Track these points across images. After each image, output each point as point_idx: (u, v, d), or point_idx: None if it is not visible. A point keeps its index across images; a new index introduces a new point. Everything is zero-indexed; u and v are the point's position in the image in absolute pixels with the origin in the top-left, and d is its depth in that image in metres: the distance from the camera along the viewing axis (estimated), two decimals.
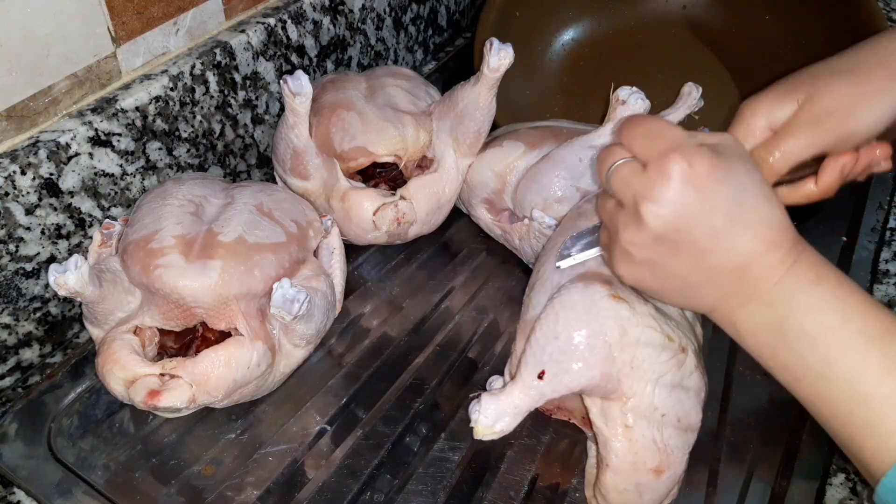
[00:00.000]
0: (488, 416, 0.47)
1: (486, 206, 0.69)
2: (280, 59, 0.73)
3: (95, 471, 0.53)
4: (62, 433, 0.56)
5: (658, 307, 0.48)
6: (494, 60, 0.60)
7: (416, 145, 0.67)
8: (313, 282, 0.58)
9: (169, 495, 0.52)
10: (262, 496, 0.52)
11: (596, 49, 0.89)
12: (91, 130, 0.57)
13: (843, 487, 0.51)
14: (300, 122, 0.61)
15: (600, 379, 0.45)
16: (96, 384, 0.58)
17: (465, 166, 0.69)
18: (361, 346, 0.63)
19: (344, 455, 0.55)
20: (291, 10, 0.72)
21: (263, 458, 0.54)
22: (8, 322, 0.57)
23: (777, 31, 0.81)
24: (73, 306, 0.61)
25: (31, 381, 0.59)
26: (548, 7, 0.87)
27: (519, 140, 0.67)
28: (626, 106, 0.59)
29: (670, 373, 0.46)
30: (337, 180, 0.65)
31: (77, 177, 0.58)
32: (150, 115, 0.62)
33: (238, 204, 0.58)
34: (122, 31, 0.59)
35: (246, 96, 0.71)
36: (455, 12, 1.02)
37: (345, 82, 0.71)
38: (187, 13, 0.65)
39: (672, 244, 0.40)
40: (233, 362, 0.52)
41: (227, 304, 0.53)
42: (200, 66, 0.65)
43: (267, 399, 0.58)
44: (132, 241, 0.54)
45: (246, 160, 0.74)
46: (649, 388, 0.46)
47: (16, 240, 0.55)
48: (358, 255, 0.72)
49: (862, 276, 0.67)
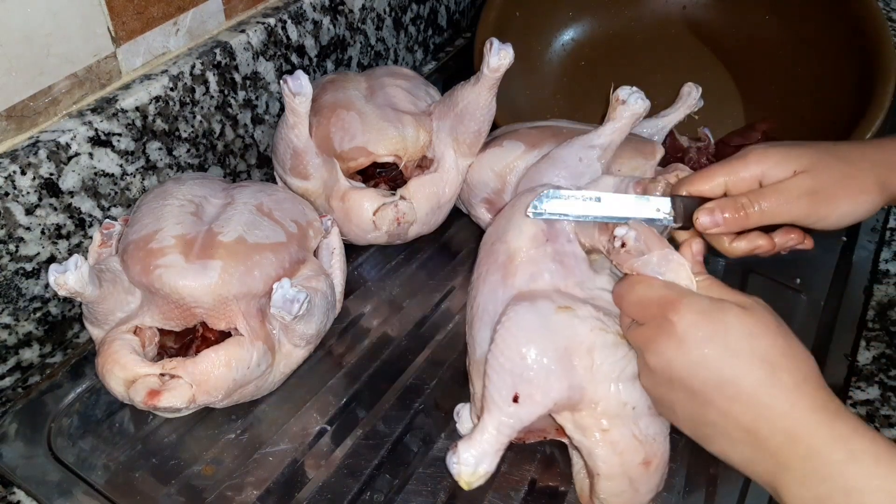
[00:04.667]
0: (469, 464, 0.45)
1: (486, 205, 0.69)
2: (280, 59, 0.73)
3: (95, 471, 0.53)
4: (62, 433, 0.56)
5: (599, 306, 0.48)
6: (494, 60, 0.60)
7: (416, 145, 0.67)
8: (313, 282, 0.58)
9: (169, 495, 0.52)
10: (262, 496, 0.52)
11: (596, 49, 0.89)
12: (91, 130, 0.57)
13: None
14: (300, 122, 0.61)
15: (568, 390, 0.45)
16: (96, 384, 0.58)
17: (465, 166, 0.68)
18: (361, 346, 0.63)
19: (344, 455, 0.55)
20: (291, 10, 0.72)
21: (263, 458, 0.54)
22: (8, 322, 0.57)
23: (777, 31, 0.81)
24: (73, 306, 0.61)
25: (31, 381, 0.59)
26: (548, 7, 0.87)
27: (519, 140, 0.67)
28: (626, 106, 0.59)
29: (629, 366, 0.46)
30: (337, 180, 0.65)
31: (77, 177, 0.58)
32: (150, 115, 0.62)
33: (238, 204, 0.58)
34: (122, 31, 0.59)
35: (246, 96, 0.71)
36: (455, 12, 1.02)
37: (345, 82, 0.71)
38: (187, 13, 0.65)
39: (686, 390, 0.41)
40: (233, 362, 0.52)
41: (227, 304, 0.53)
42: (200, 66, 0.65)
43: (267, 399, 0.58)
44: (132, 241, 0.54)
45: (246, 160, 0.74)
46: (613, 388, 0.46)
47: (16, 240, 0.55)
48: (358, 255, 0.72)
49: (862, 276, 0.67)
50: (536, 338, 0.46)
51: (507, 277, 0.50)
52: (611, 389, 0.46)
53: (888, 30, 0.70)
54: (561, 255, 0.51)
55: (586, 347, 0.46)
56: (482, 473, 0.45)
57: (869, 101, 0.68)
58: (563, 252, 0.51)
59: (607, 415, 0.46)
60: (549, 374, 0.45)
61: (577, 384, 0.45)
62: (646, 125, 0.73)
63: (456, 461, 0.45)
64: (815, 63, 0.77)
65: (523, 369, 0.45)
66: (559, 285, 0.49)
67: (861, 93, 0.70)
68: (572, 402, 0.46)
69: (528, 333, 0.46)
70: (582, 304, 0.48)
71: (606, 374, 0.46)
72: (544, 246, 0.51)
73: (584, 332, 0.46)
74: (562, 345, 0.45)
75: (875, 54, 0.69)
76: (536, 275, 0.50)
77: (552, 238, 0.52)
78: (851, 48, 0.73)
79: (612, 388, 0.46)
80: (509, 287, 0.50)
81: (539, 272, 0.50)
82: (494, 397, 0.46)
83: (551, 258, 0.50)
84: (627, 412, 0.46)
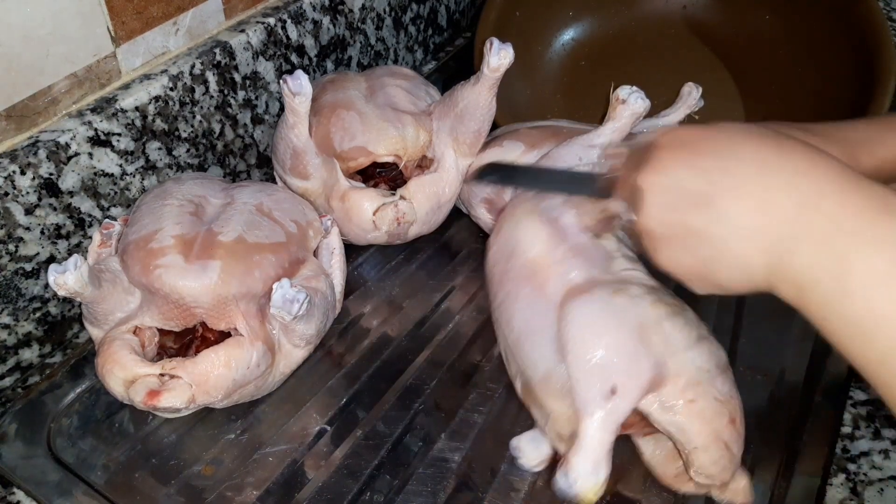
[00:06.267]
0: (587, 475, 0.43)
1: (486, 205, 0.69)
2: (280, 59, 0.73)
3: (95, 471, 0.53)
4: (62, 433, 0.56)
5: (643, 282, 0.48)
6: (494, 60, 0.60)
7: (416, 145, 0.67)
8: (313, 282, 0.58)
9: (169, 495, 0.52)
10: (262, 496, 0.52)
11: (596, 49, 0.89)
12: (91, 130, 0.57)
13: (844, 487, 0.51)
14: (300, 122, 0.61)
15: (654, 367, 0.45)
16: (96, 384, 0.58)
17: (465, 166, 0.68)
18: (361, 346, 0.63)
19: (344, 455, 0.55)
20: (291, 10, 0.72)
21: (263, 459, 0.54)
22: (8, 322, 0.57)
23: (777, 31, 0.81)
24: (73, 306, 0.61)
25: (31, 381, 0.59)
26: (548, 7, 0.87)
27: (519, 140, 0.67)
28: (626, 105, 0.59)
29: (694, 330, 0.46)
30: (337, 180, 0.65)
31: (77, 177, 0.58)
32: (150, 115, 0.62)
33: (238, 204, 0.58)
34: (121, 31, 0.59)
35: (246, 96, 0.71)
36: (455, 12, 1.02)
37: (345, 82, 0.71)
38: (187, 13, 0.65)
39: (681, 203, 0.40)
40: (232, 362, 0.52)
41: (226, 305, 0.53)
42: (200, 66, 0.65)
43: (267, 399, 0.58)
44: (132, 241, 0.54)
45: (246, 160, 0.74)
46: (690, 355, 0.45)
47: (15, 240, 0.55)
48: (358, 255, 0.71)
49: None
50: (611, 325, 0.45)
51: (542, 287, 0.49)
52: (687, 357, 0.45)
53: (888, 30, 0.70)
54: (579, 249, 0.50)
55: (654, 321, 0.45)
56: (602, 480, 0.43)
57: (869, 100, 0.68)
58: (580, 245, 0.51)
59: (691, 385, 0.45)
60: (636, 356, 0.44)
61: (660, 360, 0.45)
62: (646, 125, 0.73)
63: (573, 478, 0.43)
64: (815, 63, 0.77)
65: (610, 359, 0.44)
66: (591, 276, 0.49)
67: (861, 92, 0.70)
68: (658, 379, 0.45)
69: (601, 324, 0.45)
70: (627, 283, 0.47)
71: (680, 342, 0.45)
72: (561, 245, 0.51)
73: (646, 307, 0.46)
74: (635, 325, 0.45)
75: (875, 54, 0.69)
76: (567, 274, 0.49)
77: (563, 236, 0.51)
78: (851, 48, 0.72)
79: (688, 357, 0.45)
80: (547, 294, 0.49)
81: (567, 271, 0.49)
82: (590, 398, 0.44)
83: (572, 255, 0.50)
84: (706, 377, 0.45)
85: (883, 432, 0.54)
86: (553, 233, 0.52)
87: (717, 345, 0.48)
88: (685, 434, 0.46)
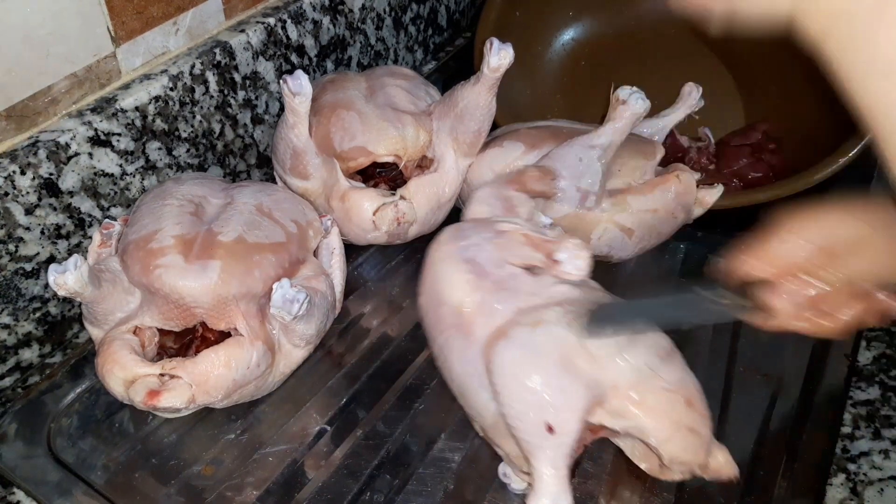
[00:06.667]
0: None
1: None
2: (280, 59, 0.73)
3: (95, 471, 0.53)
4: (62, 433, 0.56)
5: (560, 301, 0.48)
6: (494, 60, 0.60)
7: (416, 145, 0.67)
8: (313, 282, 0.58)
9: (169, 495, 0.52)
10: (262, 496, 0.52)
11: (596, 49, 0.89)
12: (91, 130, 0.57)
13: (844, 487, 0.51)
14: (300, 122, 0.61)
15: (587, 391, 0.45)
16: (96, 384, 0.58)
17: (465, 166, 0.68)
18: (361, 346, 0.63)
19: (344, 455, 0.55)
20: (291, 10, 0.72)
21: (263, 459, 0.54)
22: (8, 322, 0.57)
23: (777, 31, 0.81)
24: (73, 306, 0.61)
25: (31, 381, 0.59)
26: (548, 7, 0.87)
27: (519, 140, 0.67)
28: (626, 106, 0.59)
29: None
30: (337, 180, 0.65)
31: (77, 177, 0.58)
32: (150, 115, 0.62)
33: (238, 204, 0.58)
34: (121, 31, 0.59)
35: (246, 96, 0.71)
36: (455, 12, 1.02)
37: (345, 82, 0.71)
38: (187, 13, 0.65)
39: None
40: (232, 362, 0.52)
41: (226, 305, 0.53)
42: (200, 66, 0.65)
43: (267, 399, 0.58)
44: (132, 241, 0.54)
45: (246, 160, 0.74)
46: (620, 362, 0.46)
47: (15, 240, 0.55)
48: (358, 255, 0.71)
49: None
50: (532, 365, 0.45)
51: (468, 333, 0.49)
52: (619, 363, 0.46)
53: None
54: (500, 282, 0.50)
55: (576, 344, 0.46)
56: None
57: None
58: (500, 278, 0.50)
59: (632, 386, 0.45)
60: (565, 387, 0.45)
61: (591, 380, 0.45)
62: (646, 125, 0.73)
63: None
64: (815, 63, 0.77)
65: (540, 400, 0.44)
66: (517, 307, 0.48)
67: None
68: (596, 398, 0.45)
69: (523, 366, 0.45)
70: (546, 308, 0.47)
71: (606, 353, 0.46)
72: (481, 285, 0.50)
73: (565, 333, 0.46)
74: (557, 357, 0.45)
75: None
76: (491, 313, 0.49)
77: (483, 273, 0.50)
78: None
79: (620, 362, 0.46)
80: (475, 341, 0.48)
81: (491, 310, 0.49)
82: (532, 441, 0.45)
83: (494, 290, 0.49)
84: (645, 373, 0.46)
85: (883, 432, 0.54)
86: (472, 274, 0.51)
87: (654, 333, 0.48)
88: (644, 432, 0.46)
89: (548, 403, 0.44)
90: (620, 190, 0.64)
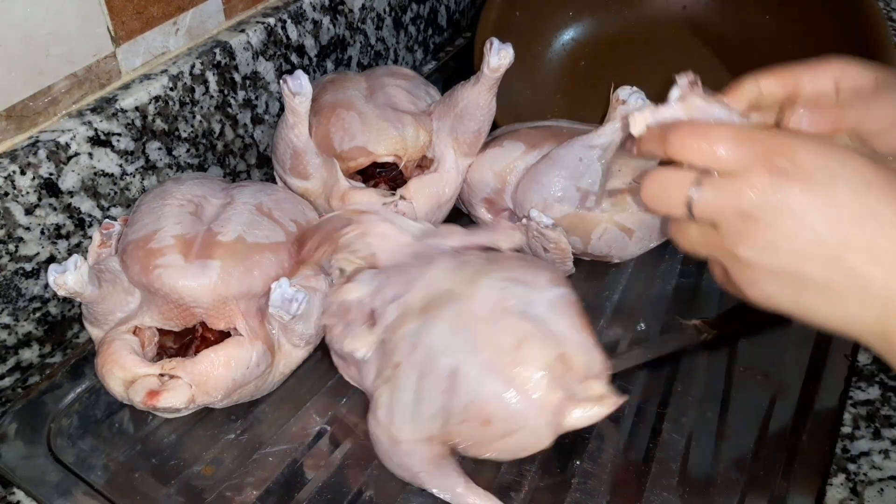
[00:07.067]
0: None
1: (487, 205, 0.69)
2: (280, 59, 0.73)
3: (95, 471, 0.53)
4: (62, 433, 0.56)
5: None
6: (494, 60, 0.60)
7: (416, 145, 0.67)
8: (312, 281, 0.58)
9: (169, 495, 0.52)
10: (262, 496, 0.52)
11: (596, 49, 0.89)
12: (91, 130, 0.57)
13: (844, 487, 0.51)
14: (300, 122, 0.61)
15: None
16: (96, 384, 0.58)
17: (465, 166, 0.68)
18: None
19: (344, 455, 0.55)
20: (291, 10, 0.72)
21: (263, 459, 0.54)
22: (8, 322, 0.57)
23: (777, 31, 0.81)
24: (73, 306, 0.61)
25: (31, 381, 0.59)
26: (548, 7, 0.87)
27: (519, 140, 0.67)
28: (626, 106, 0.59)
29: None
30: (337, 180, 0.65)
31: (77, 177, 0.58)
32: (150, 115, 0.62)
33: (237, 204, 0.58)
34: (121, 31, 0.59)
35: (246, 96, 0.71)
36: (455, 12, 1.02)
37: (345, 82, 0.71)
38: (187, 13, 0.65)
39: (792, 245, 0.36)
40: (232, 362, 0.52)
41: (226, 304, 0.53)
42: (200, 66, 0.65)
43: (267, 399, 0.58)
44: (131, 241, 0.54)
45: (246, 160, 0.74)
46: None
47: (15, 240, 0.55)
48: None
49: None
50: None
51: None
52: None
53: (888, 30, 0.70)
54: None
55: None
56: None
57: None
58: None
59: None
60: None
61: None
62: None
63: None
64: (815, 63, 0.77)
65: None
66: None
67: None
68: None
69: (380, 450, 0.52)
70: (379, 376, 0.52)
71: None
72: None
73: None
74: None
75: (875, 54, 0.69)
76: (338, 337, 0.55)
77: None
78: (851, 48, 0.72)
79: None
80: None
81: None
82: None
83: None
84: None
85: (883, 432, 0.54)
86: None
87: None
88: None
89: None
90: (620, 190, 0.64)
